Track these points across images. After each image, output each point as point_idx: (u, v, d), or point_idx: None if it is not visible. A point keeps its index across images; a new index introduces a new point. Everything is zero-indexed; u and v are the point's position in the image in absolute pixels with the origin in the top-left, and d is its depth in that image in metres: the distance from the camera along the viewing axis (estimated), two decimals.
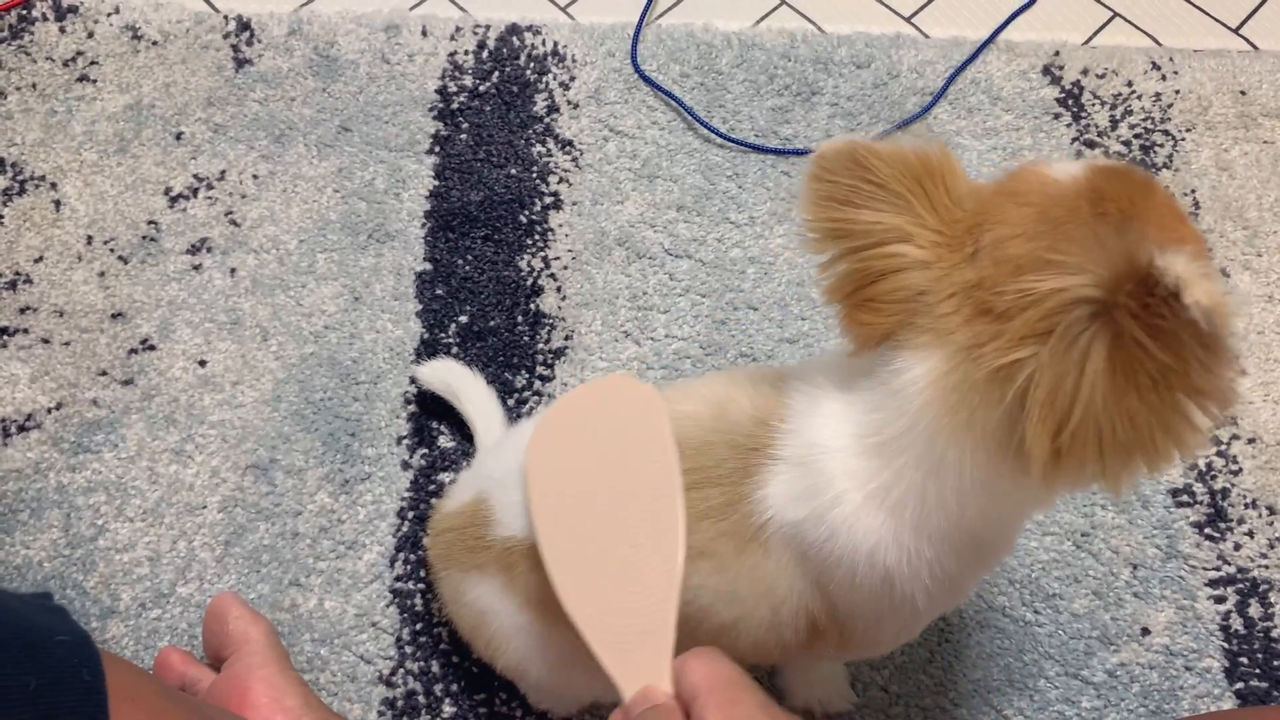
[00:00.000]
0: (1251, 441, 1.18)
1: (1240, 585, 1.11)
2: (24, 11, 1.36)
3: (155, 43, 1.36)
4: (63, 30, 1.35)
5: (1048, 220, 0.61)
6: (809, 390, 0.72)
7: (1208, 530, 1.14)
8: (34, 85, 1.31)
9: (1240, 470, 1.17)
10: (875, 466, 0.66)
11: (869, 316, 0.64)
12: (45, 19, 1.36)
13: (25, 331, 1.17)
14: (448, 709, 1.02)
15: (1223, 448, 1.18)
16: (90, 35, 1.36)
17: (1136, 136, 1.37)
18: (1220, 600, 1.10)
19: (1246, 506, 1.15)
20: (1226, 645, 1.08)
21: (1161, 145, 1.37)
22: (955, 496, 0.65)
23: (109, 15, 1.37)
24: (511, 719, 1.02)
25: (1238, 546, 1.13)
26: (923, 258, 0.63)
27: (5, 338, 1.16)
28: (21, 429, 1.11)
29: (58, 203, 1.25)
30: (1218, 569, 1.12)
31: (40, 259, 1.21)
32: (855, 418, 0.67)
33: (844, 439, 0.67)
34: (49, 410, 1.12)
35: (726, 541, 0.71)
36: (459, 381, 1.10)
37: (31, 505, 1.08)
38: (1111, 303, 0.55)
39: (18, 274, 1.20)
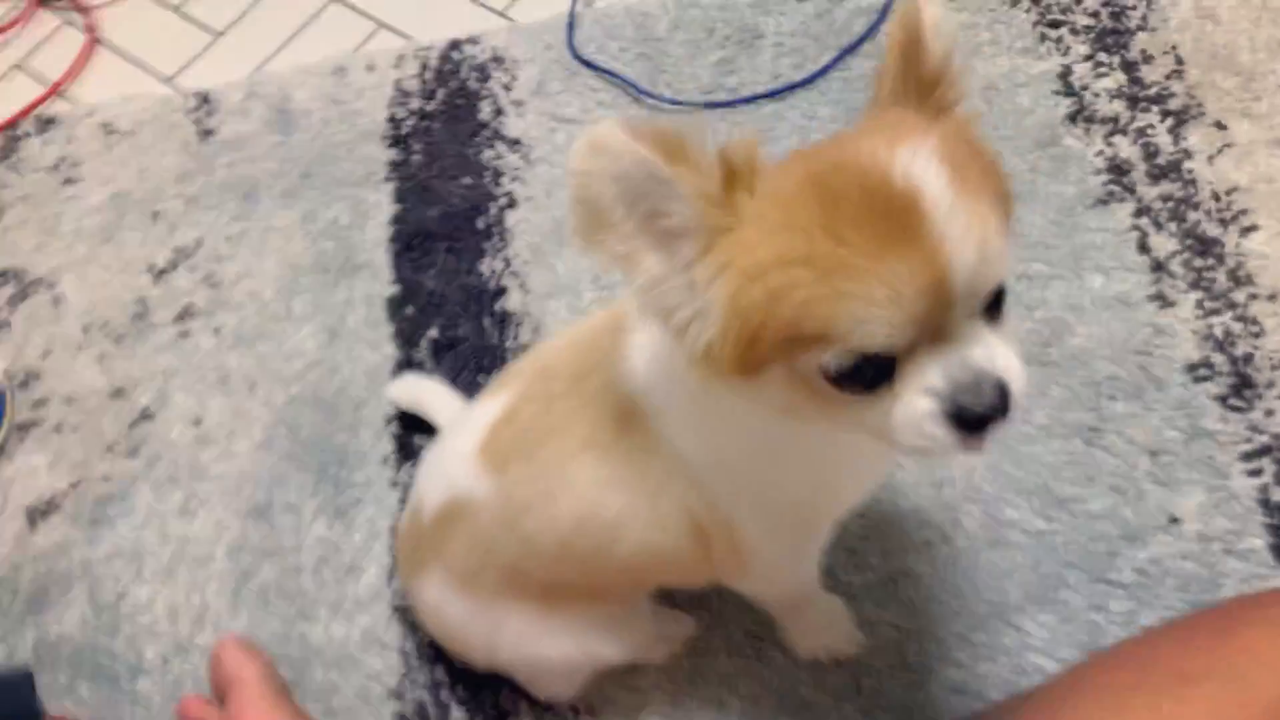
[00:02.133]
0: (1273, 298, 1.09)
1: (1278, 454, 1.02)
2: (11, 132, 1.46)
3: (128, 133, 1.43)
4: (45, 142, 1.44)
5: None
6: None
7: (1233, 401, 1.05)
8: (26, 197, 1.40)
9: (1262, 332, 1.07)
10: (653, 369, 0.72)
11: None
12: (29, 135, 1.45)
13: (39, 424, 1.24)
14: (456, 713, 1.02)
15: (1240, 310, 1.08)
16: (70, 140, 1.44)
17: (1104, 4, 1.29)
18: (1256, 474, 1.01)
19: (1275, 369, 1.05)
20: (1269, 520, 0.99)
21: (1134, 7, 1.28)
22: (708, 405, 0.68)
23: (85, 118, 1.45)
24: (518, 714, 1.01)
25: (1270, 413, 1.04)
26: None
27: (23, 432, 1.24)
28: (44, 514, 1.18)
29: (56, 299, 1.32)
30: (1249, 440, 1.03)
31: (47, 354, 1.29)
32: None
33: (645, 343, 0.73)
34: (66, 492, 1.19)
35: (602, 426, 0.74)
36: (425, 393, 1.12)
37: (60, 582, 1.14)
38: None
39: (29, 372, 1.28)
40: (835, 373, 0.57)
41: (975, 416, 0.57)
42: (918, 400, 0.58)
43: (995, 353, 0.58)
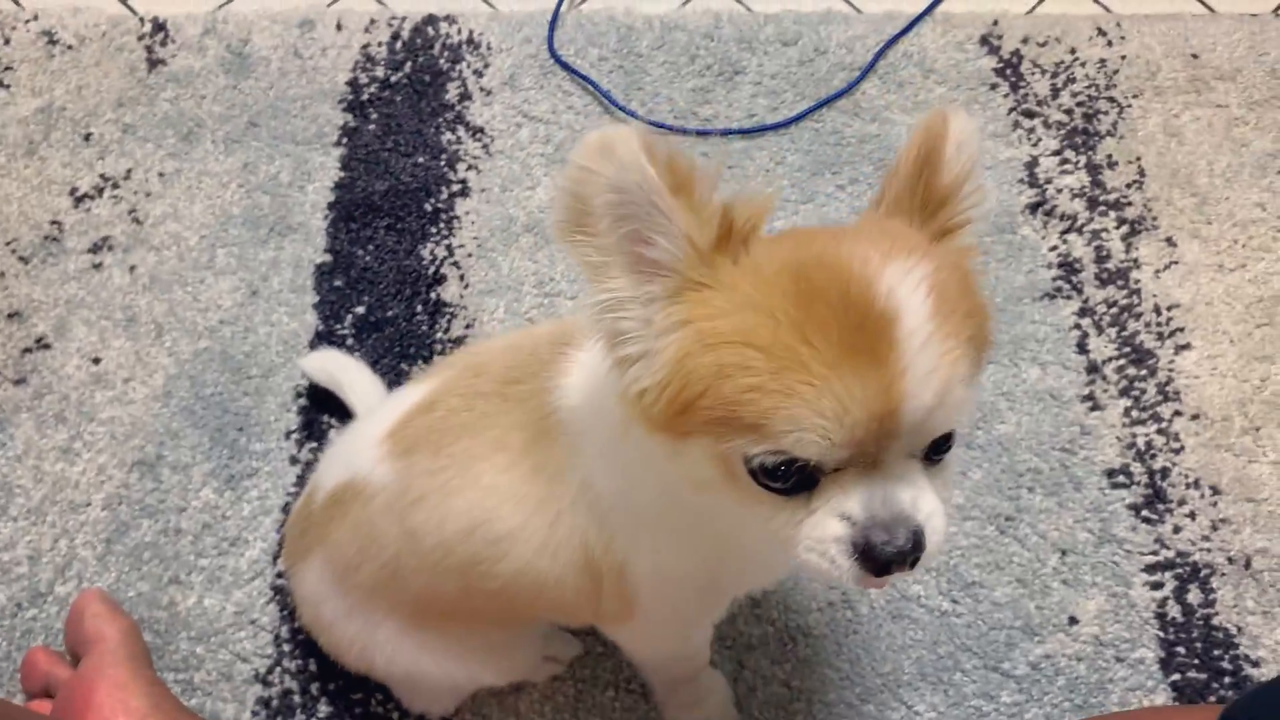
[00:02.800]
0: (1195, 418, 1.10)
1: (1179, 570, 1.03)
2: None
3: (70, 47, 1.35)
4: None
5: None
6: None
7: (1145, 513, 1.06)
8: None
9: (1182, 448, 1.09)
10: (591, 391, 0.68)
11: None
12: None
13: None
14: (324, 709, 0.97)
15: (1164, 425, 1.10)
16: (6, 42, 1.35)
17: (1079, 104, 1.30)
18: (1157, 586, 1.02)
19: (1188, 486, 1.07)
20: (1162, 634, 1.00)
21: (1106, 112, 1.30)
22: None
23: (27, 22, 1.37)
24: None
25: (1178, 529, 1.05)
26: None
27: None
28: None
29: None
30: (1155, 553, 1.04)
31: None
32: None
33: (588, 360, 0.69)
34: None
35: (519, 434, 0.71)
36: (343, 372, 1.07)
37: None
38: None
39: None
40: (757, 466, 0.54)
41: (882, 557, 0.55)
42: (830, 522, 0.55)
43: (922, 498, 0.56)
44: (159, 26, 1.37)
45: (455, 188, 1.24)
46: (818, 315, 0.52)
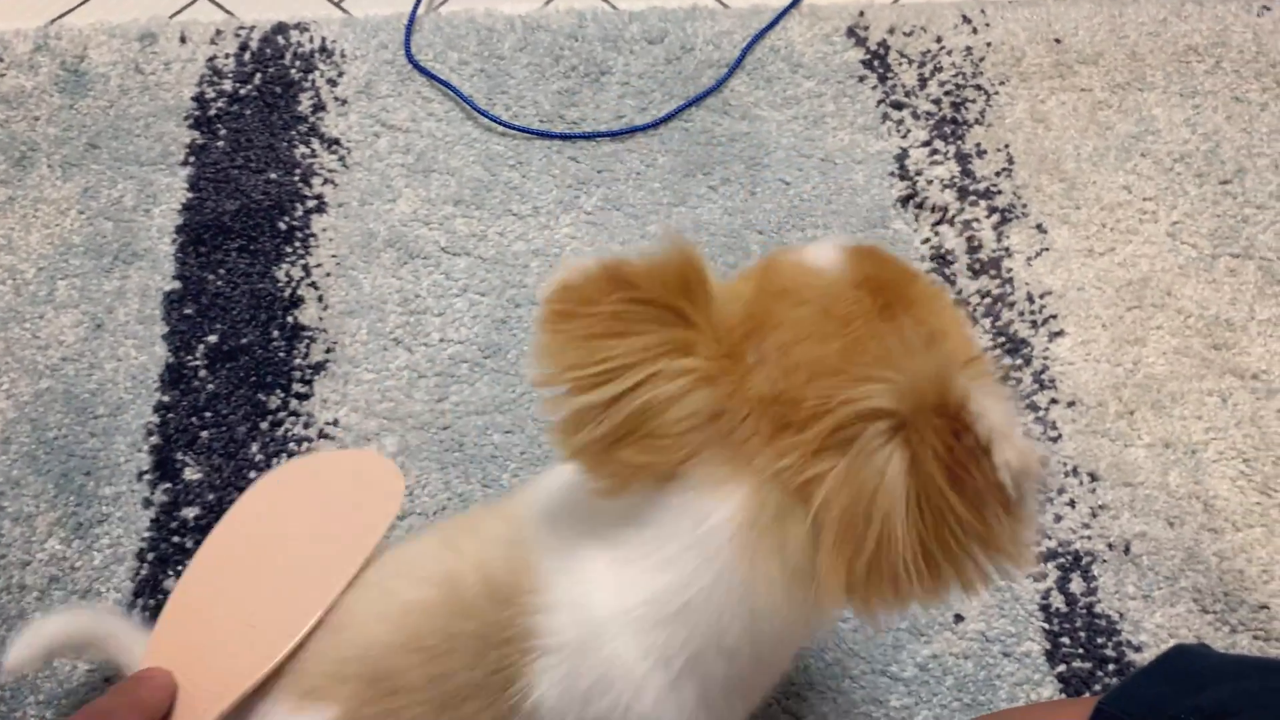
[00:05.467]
0: (1071, 405, 1.10)
1: (1061, 560, 1.03)
2: None
3: None
4: None
5: (833, 319, 0.54)
6: (559, 548, 0.59)
7: None
8: None
9: (1060, 436, 1.09)
10: (678, 635, 0.54)
11: (645, 456, 0.52)
12: None
13: None
14: None
15: (1041, 413, 1.10)
16: None
17: (947, 94, 1.30)
18: (1040, 578, 1.02)
19: (1067, 475, 1.07)
20: (1047, 626, 1.00)
21: (974, 101, 1.29)
22: (765, 640, 0.56)
23: None
24: None
25: (1058, 518, 1.05)
26: (709, 370, 0.52)
27: None
28: None
29: None
30: (1037, 544, 1.03)
31: None
32: (639, 581, 0.55)
33: (630, 610, 0.55)
34: None
35: None
36: (91, 627, 0.79)
37: None
38: (913, 423, 0.49)
39: None
40: None
41: None
42: None
43: None
44: None
45: (311, 204, 1.19)
46: None
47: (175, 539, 1.00)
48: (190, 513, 1.01)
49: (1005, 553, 0.50)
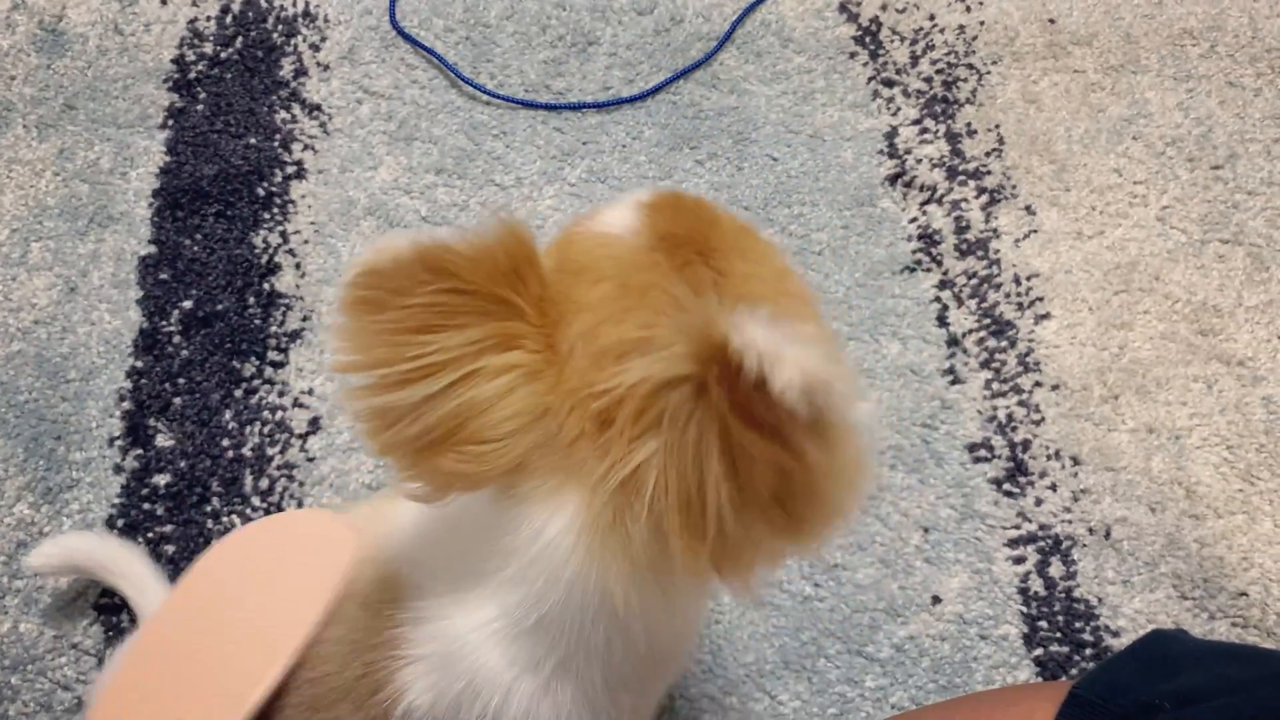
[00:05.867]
0: (1055, 388, 1.09)
1: (1041, 543, 1.02)
2: None
3: None
4: None
5: (631, 292, 0.49)
6: (420, 560, 0.58)
7: (1007, 486, 1.05)
8: None
9: (1043, 420, 1.08)
10: (542, 643, 0.53)
11: (464, 465, 0.48)
12: None
13: None
14: None
15: (1025, 396, 1.09)
16: None
17: (939, 72, 1.28)
18: (1019, 561, 1.01)
19: (1049, 458, 1.06)
20: (1025, 609, 0.99)
21: (965, 80, 1.28)
22: (639, 635, 0.54)
23: None
24: None
25: (1039, 502, 1.04)
26: (535, 365, 0.49)
27: None
28: None
29: None
30: (1017, 527, 1.03)
31: None
32: (493, 597, 0.53)
33: (488, 624, 0.54)
34: None
35: None
36: (101, 554, 0.92)
37: None
38: (705, 379, 0.44)
39: None
40: None
41: None
42: None
43: None
44: None
45: (290, 170, 1.17)
46: None
47: (145, 506, 0.99)
48: (161, 479, 1.00)
49: (834, 475, 0.45)
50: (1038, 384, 1.10)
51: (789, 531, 0.47)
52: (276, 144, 1.18)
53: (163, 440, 1.02)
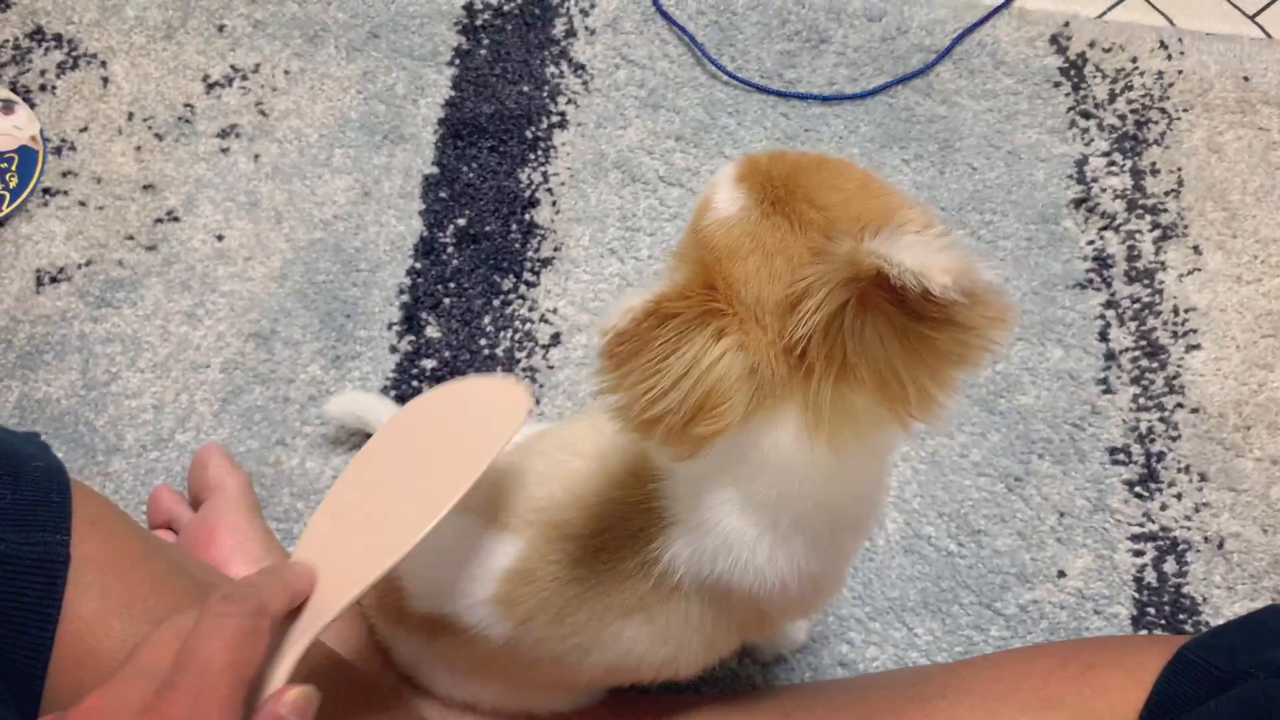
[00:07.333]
0: (1195, 411, 1.24)
1: (1160, 542, 1.17)
2: None
3: None
4: None
5: (773, 257, 0.61)
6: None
7: (1138, 489, 1.19)
8: None
9: (1179, 436, 1.22)
10: (781, 510, 0.68)
11: (713, 425, 0.62)
12: None
13: (65, 193, 1.28)
14: None
15: (1166, 414, 1.23)
16: None
17: (1133, 111, 1.41)
18: (1139, 554, 1.16)
19: (1179, 471, 1.21)
20: (1137, 595, 1.15)
21: (1156, 122, 1.41)
22: (851, 494, 0.70)
23: None
24: None
25: (1164, 507, 1.19)
26: (739, 339, 0.61)
27: (48, 197, 1.27)
28: (54, 280, 1.23)
29: (105, 79, 1.35)
30: (1141, 525, 1.18)
31: (85, 129, 1.32)
32: (737, 486, 0.68)
33: (736, 500, 0.68)
34: (79, 266, 1.24)
35: (652, 595, 0.74)
36: (380, 411, 1.11)
37: (56, 348, 1.19)
38: (864, 297, 0.58)
39: (64, 141, 1.31)
40: None
41: None
42: None
43: None
44: None
45: (555, 119, 1.36)
46: None
47: (414, 383, 1.19)
48: (428, 364, 1.20)
49: (992, 320, 0.58)
50: (1179, 405, 1.24)
51: (966, 364, 0.60)
52: (545, 94, 1.37)
53: (432, 331, 1.22)
